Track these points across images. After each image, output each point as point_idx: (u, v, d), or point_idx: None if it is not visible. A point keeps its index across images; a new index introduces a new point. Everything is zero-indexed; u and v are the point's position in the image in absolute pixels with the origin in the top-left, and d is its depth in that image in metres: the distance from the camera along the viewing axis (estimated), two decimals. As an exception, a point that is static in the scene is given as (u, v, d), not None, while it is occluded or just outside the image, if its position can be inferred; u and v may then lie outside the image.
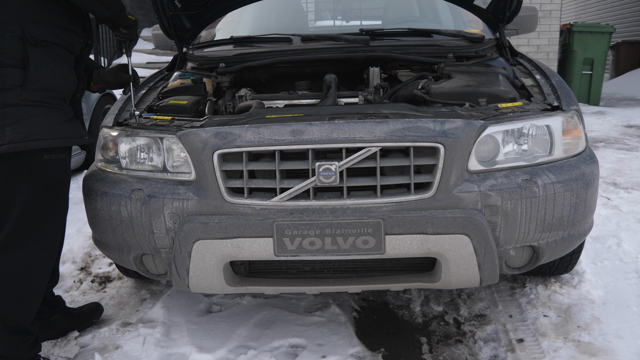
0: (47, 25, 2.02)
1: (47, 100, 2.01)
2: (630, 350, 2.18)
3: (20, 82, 1.96)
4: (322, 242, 1.97)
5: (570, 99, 2.27)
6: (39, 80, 1.98)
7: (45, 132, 1.99)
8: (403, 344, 2.33)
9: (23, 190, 2.00)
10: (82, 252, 3.29)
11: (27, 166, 1.99)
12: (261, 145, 1.96)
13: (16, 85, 1.95)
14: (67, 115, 2.11)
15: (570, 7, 17.43)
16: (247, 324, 2.48)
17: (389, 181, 1.97)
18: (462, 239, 1.96)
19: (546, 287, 2.67)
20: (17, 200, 2.00)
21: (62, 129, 2.05)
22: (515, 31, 3.14)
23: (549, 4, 8.88)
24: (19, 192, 2.00)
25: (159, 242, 2.10)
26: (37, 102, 1.99)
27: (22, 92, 1.95)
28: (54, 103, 2.04)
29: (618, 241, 3.16)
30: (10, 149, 1.92)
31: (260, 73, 2.90)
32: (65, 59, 2.10)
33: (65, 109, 2.11)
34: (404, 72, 2.68)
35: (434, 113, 2.04)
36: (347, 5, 4.08)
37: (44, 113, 2.00)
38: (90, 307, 2.59)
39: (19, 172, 1.98)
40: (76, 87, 2.20)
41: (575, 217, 2.11)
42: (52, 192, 2.08)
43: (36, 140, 1.96)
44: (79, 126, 2.17)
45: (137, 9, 10.78)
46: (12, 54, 1.95)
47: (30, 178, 2.00)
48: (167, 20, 2.83)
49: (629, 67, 11.65)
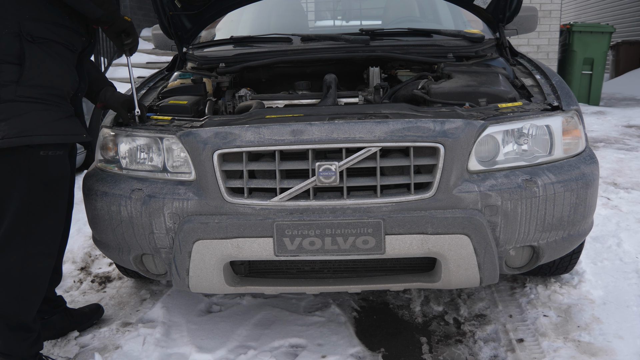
0: (45, 22, 2.02)
1: (44, 97, 2.01)
2: (630, 350, 2.18)
3: (16, 78, 1.96)
4: (322, 242, 1.97)
5: (570, 99, 2.27)
6: (36, 77, 1.98)
7: (39, 128, 1.98)
8: (403, 344, 2.33)
9: (20, 186, 2.00)
10: (82, 252, 3.29)
11: (23, 162, 1.99)
12: (261, 145, 1.96)
13: (12, 81, 1.95)
14: (66, 112, 2.11)
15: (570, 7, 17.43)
16: (247, 324, 2.48)
17: (389, 181, 1.97)
18: (462, 239, 1.96)
19: (546, 287, 2.67)
20: (14, 197, 2.00)
21: (58, 125, 2.05)
22: (515, 31, 3.14)
23: (549, 4, 8.88)
24: (16, 189, 2.00)
25: (159, 242, 2.10)
26: (34, 99, 1.99)
27: (17, 88, 1.95)
28: (51, 100, 2.04)
29: (618, 241, 3.16)
30: (5, 144, 1.92)
31: (260, 73, 2.90)
32: (64, 57, 2.09)
33: (64, 106, 2.11)
34: (404, 72, 2.68)
35: (434, 113, 2.04)
36: (347, 5, 4.08)
37: (41, 109, 2.00)
38: (91, 308, 2.60)
39: (15, 168, 1.98)
40: (77, 85, 2.20)
41: (575, 217, 2.11)
42: (50, 188, 2.07)
43: (30, 136, 1.96)
44: (77, 124, 2.17)
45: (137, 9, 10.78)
46: (8, 51, 1.95)
47: (26, 174, 2.00)
48: (167, 20, 2.83)
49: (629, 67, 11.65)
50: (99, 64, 6.62)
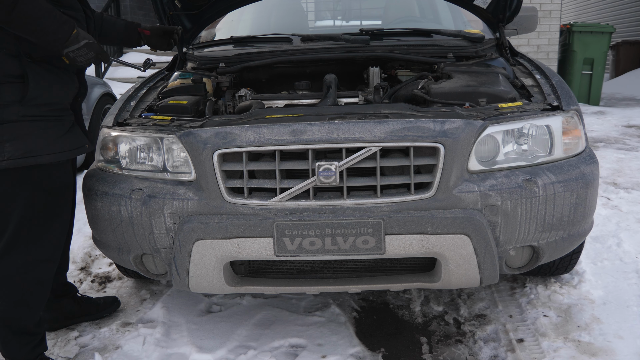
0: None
1: (46, 114, 2.01)
2: (630, 350, 2.18)
3: (19, 98, 1.94)
4: (322, 242, 1.97)
5: (570, 99, 2.27)
6: (39, 96, 1.97)
7: (44, 148, 1.99)
8: (403, 344, 2.33)
9: (24, 195, 2.00)
10: (82, 252, 3.29)
11: (27, 173, 1.99)
12: (261, 145, 1.96)
13: (14, 101, 1.94)
14: (67, 125, 2.11)
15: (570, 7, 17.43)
16: (247, 324, 2.48)
17: (389, 181, 1.97)
18: (462, 239, 1.96)
19: (546, 287, 2.67)
20: (18, 205, 2.00)
21: (62, 142, 2.05)
22: (515, 31, 3.13)
23: (549, 4, 8.88)
24: (20, 198, 2.00)
25: (159, 242, 2.10)
26: (37, 117, 1.99)
27: (20, 108, 1.95)
28: (53, 115, 2.04)
29: (618, 241, 3.16)
30: (10, 165, 1.93)
31: (260, 73, 2.90)
32: (64, 69, 2.09)
33: (66, 117, 2.12)
34: (404, 72, 2.68)
35: (434, 113, 2.04)
36: (347, 5, 4.08)
37: (43, 127, 2.00)
38: (106, 300, 2.63)
39: (20, 179, 1.98)
40: (77, 91, 2.20)
41: (575, 217, 2.11)
42: (54, 195, 2.08)
43: (35, 157, 1.96)
44: (79, 135, 2.18)
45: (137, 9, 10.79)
46: (7, 71, 1.93)
47: (30, 184, 2.00)
48: (167, 20, 2.83)
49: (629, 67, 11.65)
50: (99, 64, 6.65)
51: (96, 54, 2.02)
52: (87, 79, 3.23)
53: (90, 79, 5.03)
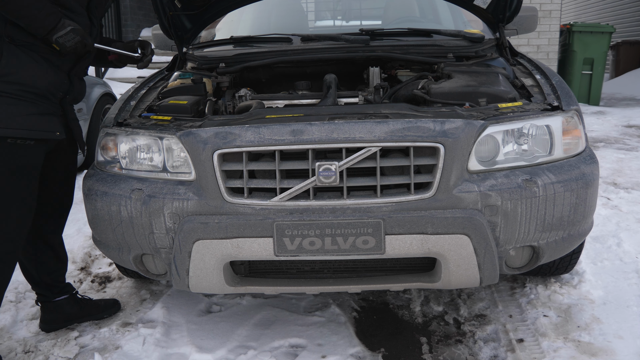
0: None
1: (17, 92, 2.05)
2: (630, 350, 2.18)
3: None
4: (322, 242, 1.97)
5: (570, 99, 2.27)
6: (10, 74, 2.03)
7: (2, 120, 2.02)
8: (403, 344, 2.33)
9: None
10: (82, 252, 3.29)
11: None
12: (261, 145, 1.96)
13: None
14: (41, 109, 2.12)
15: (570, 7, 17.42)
16: (247, 324, 2.48)
17: (389, 181, 1.97)
18: (462, 239, 1.96)
19: (546, 287, 2.67)
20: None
21: (27, 120, 2.07)
22: (515, 31, 3.13)
23: (549, 4, 8.87)
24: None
25: (159, 242, 2.10)
26: (5, 93, 2.04)
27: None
28: (26, 97, 2.07)
29: (618, 241, 3.16)
30: None
31: (260, 73, 2.90)
32: (50, 61, 2.13)
33: (42, 104, 2.13)
34: (404, 72, 2.68)
35: (434, 113, 2.04)
36: (347, 5, 4.08)
37: (11, 104, 2.05)
38: (106, 302, 2.63)
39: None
40: (67, 88, 2.22)
41: (575, 217, 2.11)
42: (16, 177, 2.09)
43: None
44: (53, 122, 2.18)
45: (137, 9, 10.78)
46: None
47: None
48: (167, 20, 2.82)
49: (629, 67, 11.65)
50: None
51: (81, 38, 2.13)
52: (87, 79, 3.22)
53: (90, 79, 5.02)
